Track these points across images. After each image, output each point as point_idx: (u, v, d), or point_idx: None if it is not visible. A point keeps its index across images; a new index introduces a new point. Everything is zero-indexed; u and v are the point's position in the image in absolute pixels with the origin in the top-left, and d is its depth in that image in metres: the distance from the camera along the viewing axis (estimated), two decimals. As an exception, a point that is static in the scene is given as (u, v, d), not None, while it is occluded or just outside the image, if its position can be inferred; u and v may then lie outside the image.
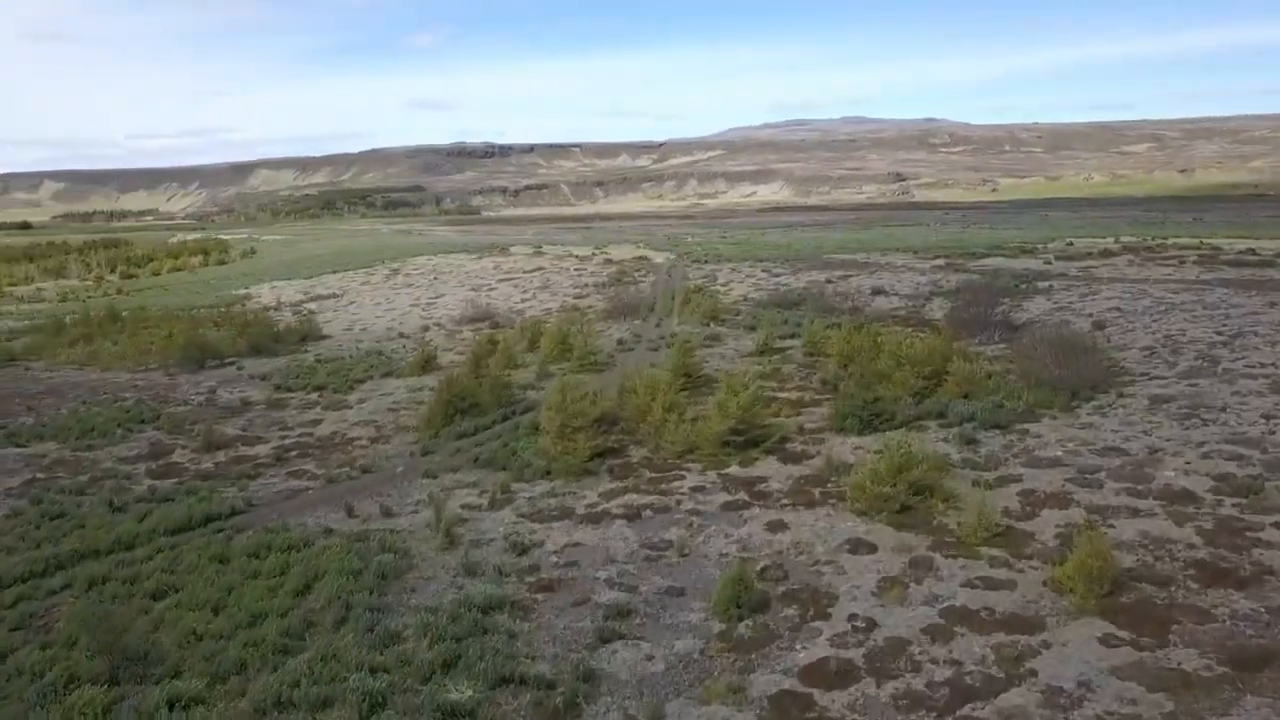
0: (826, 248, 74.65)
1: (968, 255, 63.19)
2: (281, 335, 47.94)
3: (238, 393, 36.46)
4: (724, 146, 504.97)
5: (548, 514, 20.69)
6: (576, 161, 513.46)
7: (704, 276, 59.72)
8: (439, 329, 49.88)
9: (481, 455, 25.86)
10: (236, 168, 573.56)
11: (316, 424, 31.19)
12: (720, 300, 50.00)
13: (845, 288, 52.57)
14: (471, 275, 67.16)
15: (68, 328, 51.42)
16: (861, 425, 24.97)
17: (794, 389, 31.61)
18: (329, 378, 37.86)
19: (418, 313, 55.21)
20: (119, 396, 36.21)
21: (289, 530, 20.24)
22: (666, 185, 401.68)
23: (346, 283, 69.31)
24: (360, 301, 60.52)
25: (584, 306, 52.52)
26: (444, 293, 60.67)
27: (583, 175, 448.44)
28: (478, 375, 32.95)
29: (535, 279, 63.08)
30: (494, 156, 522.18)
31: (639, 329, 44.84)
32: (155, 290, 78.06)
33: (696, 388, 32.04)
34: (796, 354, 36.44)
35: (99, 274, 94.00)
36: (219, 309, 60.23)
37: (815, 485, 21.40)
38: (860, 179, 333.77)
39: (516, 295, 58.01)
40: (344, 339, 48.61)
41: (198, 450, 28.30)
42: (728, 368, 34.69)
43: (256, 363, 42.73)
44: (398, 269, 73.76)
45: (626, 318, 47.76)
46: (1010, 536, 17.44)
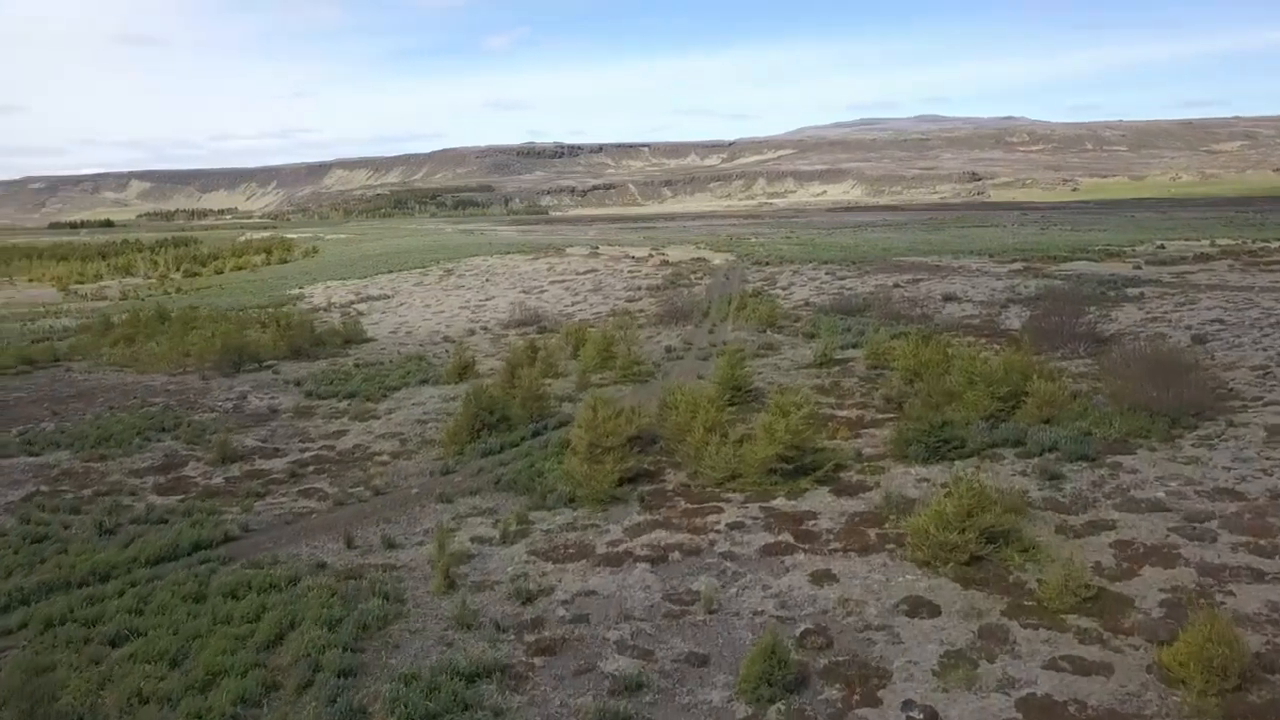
0: (896, 249, 71.08)
1: (1048, 259, 59.18)
2: (324, 338, 46.58)
3: (267, 399, 34.97)
4: (794, 146, 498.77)
5: (563, 552, 18.32)
6: (645, 161, 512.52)
7: (763, 279, 56.87)
8: (485, 333, 48.04)
9: (504, 476, 23.62)
10: (313, 168, 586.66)
11: (340, 436, 29.38)
12: (779, 305, 47.18)
13: (914, 293, 49.26)
14: (524, 277, 65.30)
15: (115, 328, 50.83)
16: (927, 453, 22.08)
17: (853, 406, 28.76)
18: (363, 384, 36.15)
19: (466, 315, 53.47)
20: (148, 401, 34.97)
21: (277, 564, 18.22)
22: (735, 184, 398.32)
23: (399, 283, 68.06)
24: (410, 303, 59.08)
25: (635, 310, 50.15)
26: (494, 295, 58.89)
27: (651, 175, 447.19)
28: (513, 385, 30.83)
29: (587, 281, 60.92)
30: (563, 156, 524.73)
31: (690, 335, 42.29)
32: (213, 289, 78.00)
33: (746, 403, 29.45)
34: (858, 366, 33.53)
35: (163, 272, 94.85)
36: (269, 309, 59.34)
37: (871, 525, 18.65)
38: (934, 178, 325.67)
39: (567, 298, 55.90)
40: (388, 342, 47.05)
41: (212, 463, 26.69)
42: (781, 381, 32.00)
43: (294, 366, 41.36)
44: (451, 269, 72.34)
45: (678, 323, 45.25)
46: (1104, 602, 14.51)
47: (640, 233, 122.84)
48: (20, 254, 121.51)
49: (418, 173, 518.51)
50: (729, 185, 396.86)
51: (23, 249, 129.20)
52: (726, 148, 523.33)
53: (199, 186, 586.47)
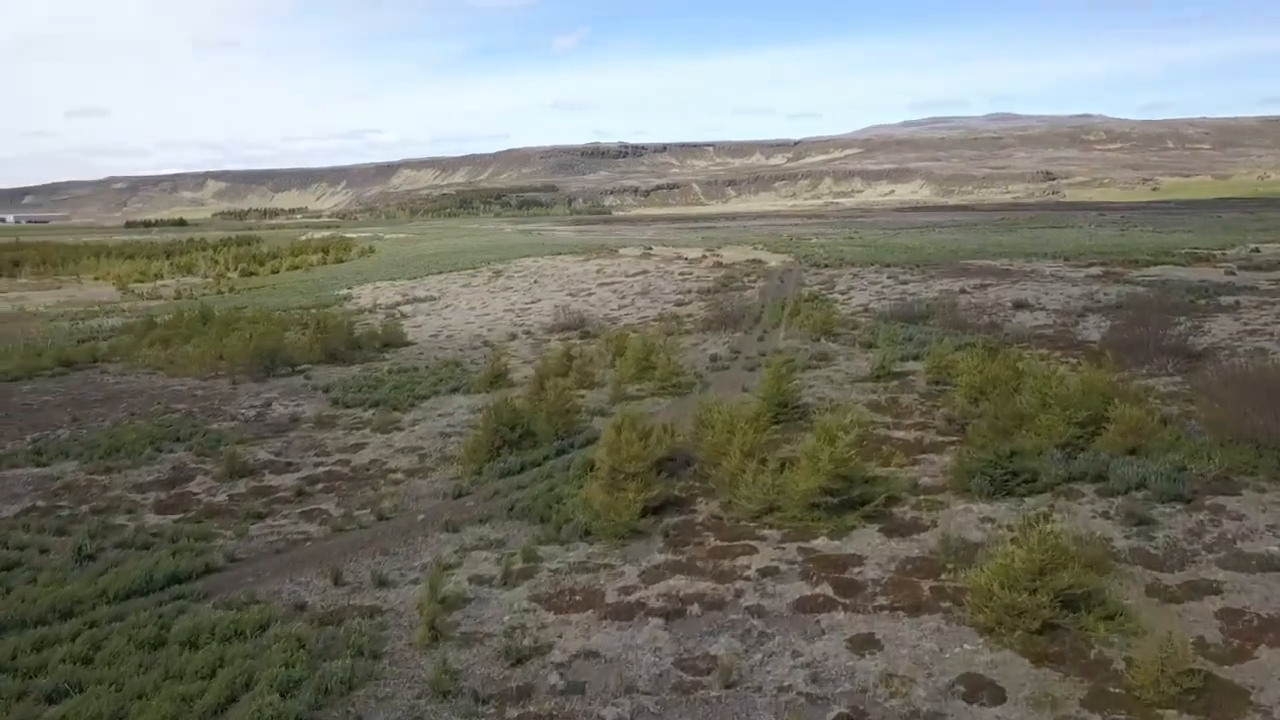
0: (964, 251, 67.51)
1: (1129, 263, 55.27)
2: (362, 341, 45.16)
3: (292, 407, 33.50)
4: (861, 145, 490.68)
5: (569, 598, 16.13)
6: (709, 160, 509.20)
7: (821, 283, 54.05)
8: (527, 337, 46.16)
9: (520, 501, 21.55)
10: (381, 168, 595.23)
11: (358, 449, 27.65)
12: (835, 311, 44.43)
13: (982, 299, 46.05)
14: (572, 279, 63.39)
15: (156, 329, 50.19)
16: (992, 487, 19.38)
17: (912, 426, 26.06)
18: (392, 392, 34.51)
19: (510, 319, 51.69)
20: (170, 408, 33.77)
21: (252, 605, 16.37)
22: (800, 184, 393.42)
23: (447, 284, 66.72)
24: (456, 305, 57.58)
25: (683, 315, 47.80)
26: (540, 297, 57.07)
27: (714, 174, 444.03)
28: (542, 397, 28.78)
29: (636, 283, 58.73)
30: (627, 156, 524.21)
31: (739, 343, 39.81)
32: (266, 289, 77.68)
33: (793, 420, 26.97)
34: (918, 381, 30.73)
35: (220, 271, 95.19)
36: (314, 310, 58.41)
37: (925, 575, 16.10)
38: (1006, 178, 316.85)
39: (614, 301, 53.80)
40: (427, 346, 45.49)
41: (219, 478, 25.18)
42: (833, 396, 29.41)
43: (328, 371, 39.98)
44: (501, 271, 70.81)
45: (726, 329, 42.80)
46: (1211, 694, 11.81)
47: (699, 233, 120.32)
48: (90, 252, 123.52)
49: (483, 173, 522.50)
50: (794, 185, 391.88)
51: (92, 247, 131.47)
52: (792, 147, 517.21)
53: (272, 186, 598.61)
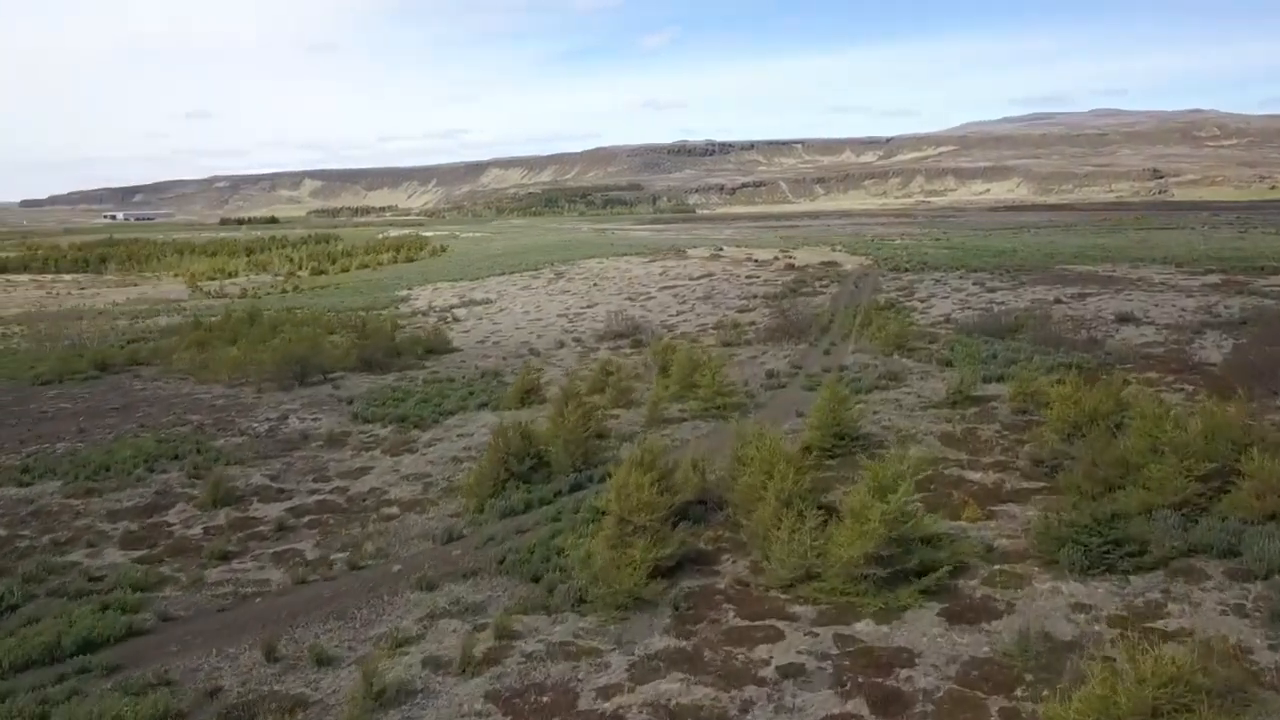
0: (1061, 255, 61.97)
1: (1253, 270, 49.34)
2: (403, 347, 42.74)
3: (309, 421, 31.09)
4: (956, 142, 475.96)
5: (534, 700, 12.85)
6: (797, 158, 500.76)
7: (899, 289, 49.60)
8: (576, 345, 43.10)
9: (515, 552, 18.35)
10: (471, 167, 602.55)
11: (361, 475, 24.93)
12: (912, 322, 40.21)
13: (1080, 311, 41.12)
14: (634, 281, 60.13)
15: (201, 330, 48.80)
16: (1088, 560, 15.40)
17: (990, 466, 22.01)
18: (417, 406, 31.84)
19: (562, 325, 48.72)
20: (183, 419, 31.70)
21: (160, 686, 13.54)
22: (891, 182, 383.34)
23: (506, 286, 64.22)
24: (510, 309, 54.93)
25: (745, 323, 44.06)
26: (597, 301, 53.98)
27: (803, 172, 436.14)
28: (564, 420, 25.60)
29: (699, 287, 55.12)
30: (714, 154, 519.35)
31: (801, 356, 35.97)
32: (329, 289, 76.56)
33: (850, 453, 23.19)
34: (1002, 408, 26.52)
35: (291, 270, 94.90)
36: (364, 313, 56.55)
37: (994, 688, 12.32)
38: (1110, 176, 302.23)
39: (673, 306, 50.35)
40: (472, 353, 42.84)
41: (201, 506, 22.79)
42: (901, 425, 25.46)
43: (360, 380, 37.62)
44: (562, 272, 68.00)
45: (790, 340, 38.96)
46: None
47: (779, 232, 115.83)
48: (175, 249, 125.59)
49: (569, 172, 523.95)
50: (884, 183, 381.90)
51: (178, 244, 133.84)
52: (883, 144, 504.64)
53: (365, 185, 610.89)
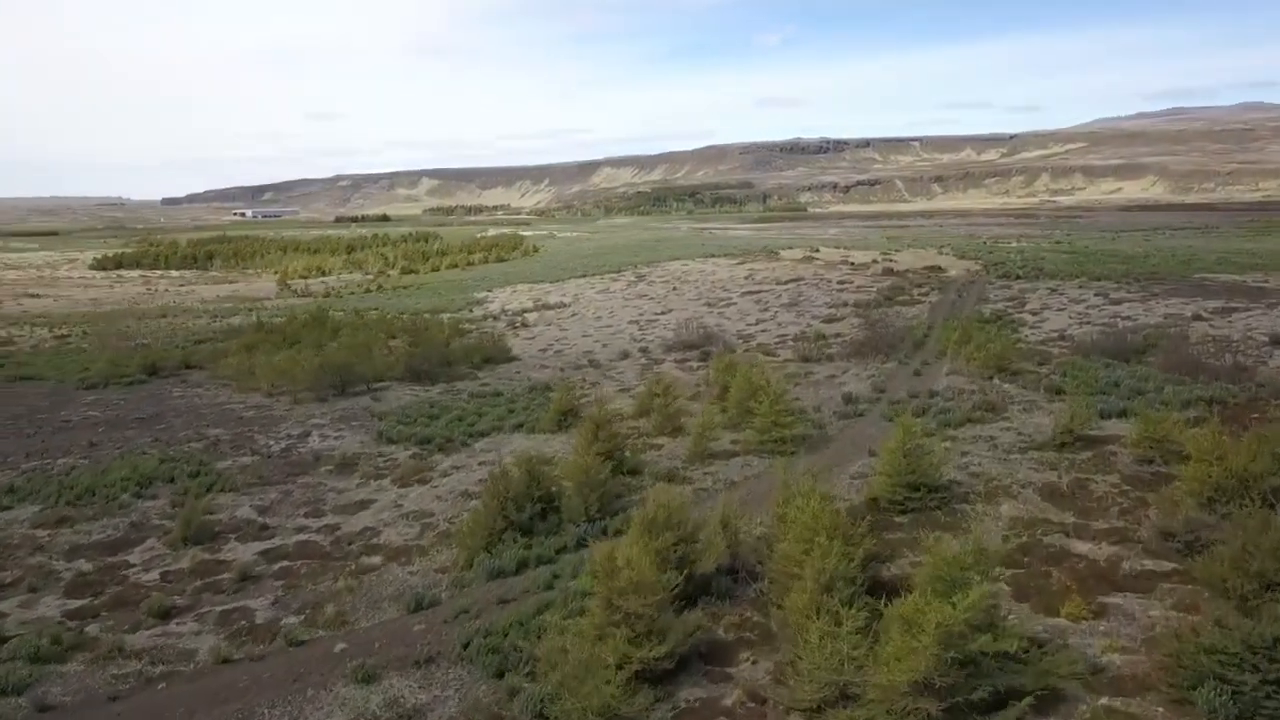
0: (1201, 262, 55.01)
1: None
2: (458, 356, 39.99)
3: (331, 439, 28.47)
4: (1085, 139, 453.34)
5: None
6: (914, 156, 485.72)
7: (1008, 300, 44.19)
8: (641, 356, 39.53)
9: (486, 632, 14.87)
10: (583, 165, 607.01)
11: (359, 510, 21.98)
12: (1020, 339, 35.13)
13: (1224, 330, 35.19)
14: (716, 285, 56.09)
15: (261, 332, 47.27)
16: (1238, 709, 10.87)
17: (1104, 536, 17.40)
18: (448, 426, 28.87)
19: (632, 332, 45.24)
20: (202, 434, 29.51)
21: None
22: (1013, 181, 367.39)
23: (584, 289, 61.08)
24: (582, 314, 51.73)
25: (829, 334, 39.61)
26: (673, 307, 50.24)
27: (920, 170, 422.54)
28: (596, 448, 22.04)
29: (785, 293, 50.68)
30: (828, 152, 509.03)
31: (887, 377, 31.45)
32: (411, 289, 75.04)
33: (926, 509, 18.90)
34: (1123, 455, 21.63)
35: (382, 269, 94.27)
36: (439, 315, 54.36)
37: None
38: (1256, 173, 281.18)
39: (754, 314, 46.17)
40: (530, 363, 39.78)
41: (171, 544, 20.11)
42: (993, 472, 20.92)
43: (402, 392, 35.08)
44: (644, 274, 64.50)
45: (877, 357, 34.42)
46: None
47: (887, 232, 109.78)
48: (279, 247, 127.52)
49: (680, 170, 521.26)
50: (1007, 181, 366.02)
51: (284, 242, 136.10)
52: (1006, 141, 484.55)
53: (480, 184, 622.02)
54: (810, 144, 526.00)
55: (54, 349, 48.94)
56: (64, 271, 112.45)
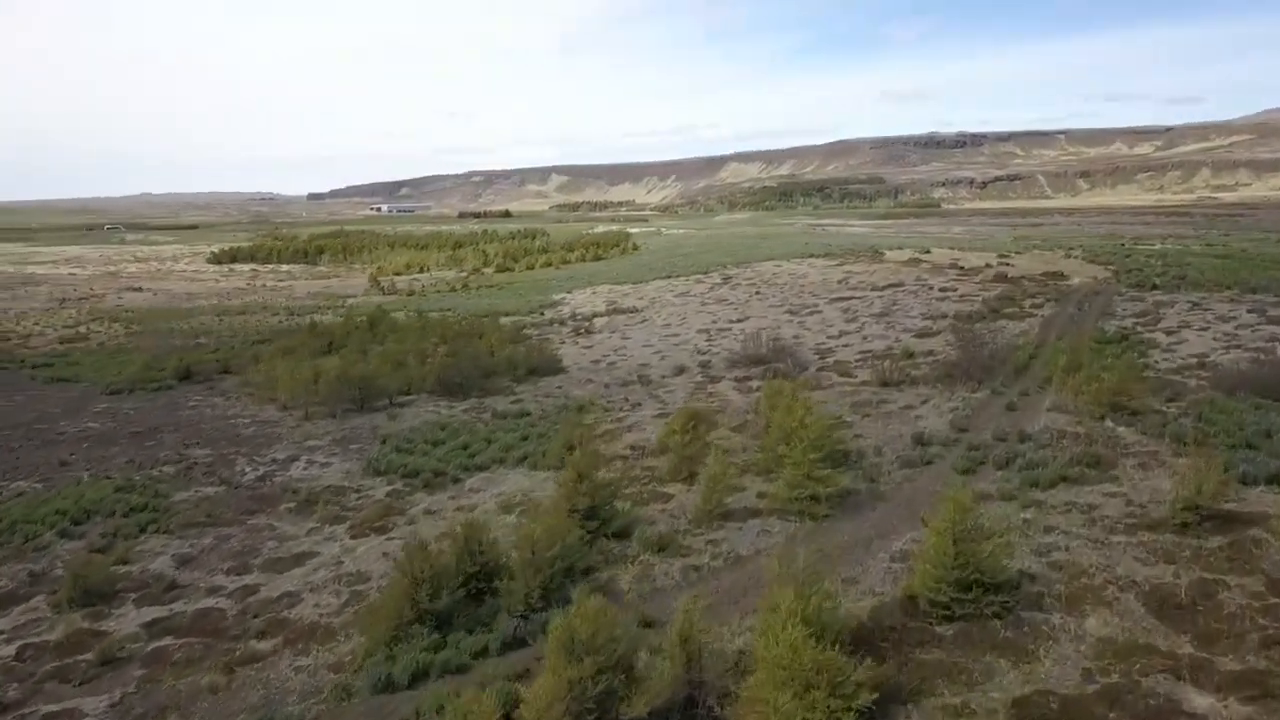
0: (1388, 269, 46.35)
1: None
2: (500, 367, 36.37)
3: (314, 468, 25.29)
4: (1252, 130, 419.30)
5: None
6: (1059, 150, 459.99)
7: (1138, 315, 37.44)
8: (699, 371, 34.99)
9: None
10: (710, 161, 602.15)
11: (290, 568, 18.55)
12: (1148, 365, 28.86)
13: None
14: (805, 290, 50.70)
15: (311, 334, 44.98)
16: None
17: (1232, 685, 12.02)
18: (449, 455, 25.33)
19: (698, 343, 40.65)
20: (185, 454, 26.89)
21: None
22: (1169, 176, 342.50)
23: (664, 292, 56.68)
24: (651, 320, 47.41)
25: (919, 351, 34.09)
26: (752, 314, 45.29)
27: (1064, 165, 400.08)
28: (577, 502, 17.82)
29: (879, 301, 44.95)
30: (965, 146, 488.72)
31: (976, 410, 25.94)
32: (498, 288, 72.29)
33: (983, 616, 13.85)
34: (1271, 548, 15.84)
35: (476, 266, 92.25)
36: (507, 318, 51.09)
37: None
38: None
39: (838, 324, 40.78)
40: (575, 378, 35.86)
41: (55, 605, 16.97)
42: (1084, 563, 15.59)
43: (424, 408, 31.87)
44: (732, 276, 59.57)
45: (968, 383, 28.82)
46: None
47: (1018, 230, 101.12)
48: (386, 243, 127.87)
49: (808, 165, 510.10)
50: (1161, 177, 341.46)
51: (393, 238, 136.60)
52: (1162, 134, 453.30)
53: (608, 180, 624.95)
54: (946, 138, 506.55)
55: (116, 347, 47.89)
56: (182, 265, 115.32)
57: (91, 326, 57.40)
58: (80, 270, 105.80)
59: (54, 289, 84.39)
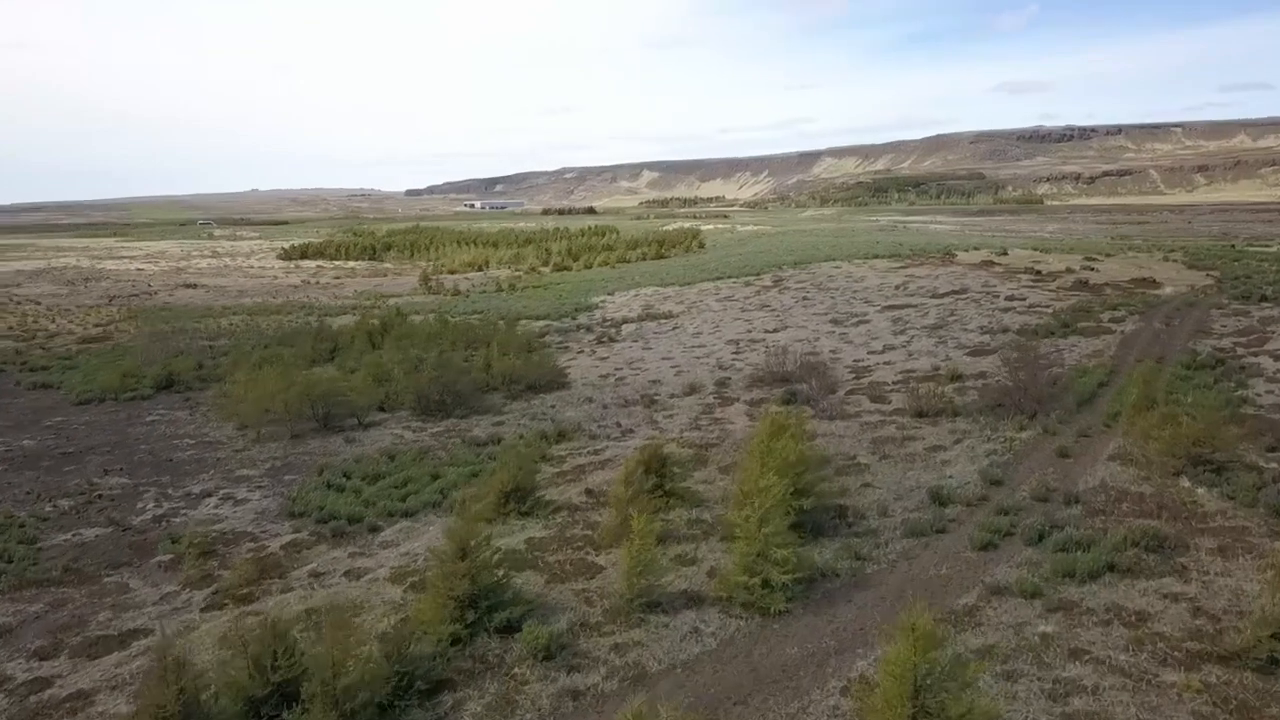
0: None
1: None
2: (493, 383, 32.68)
3: (232, 503, 22.08)
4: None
5: None
6: (1174, 144, 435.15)
7: (1239, 334, 31.37)
8: (715, 391, 30.72)
9: None
10: (805, 156, 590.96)
11: (106, 653, 15.22)
12: (1246, 399, 23.25)
13: None
14: (857, 296, 45.45)
15: (295, 343, 42.30)
16: None
17: None
18: (377, 496, 21.98)
19: (722, 356, 36.23)
20: (96, 483, 23.84)
21: None
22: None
23: (707, 296, 52.14)
24: (684, 327, 43.04)
25: (969, 373, 28.96)
26: (793, 323, 40.48)
27: (1181, 159, 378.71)
28: (455, 589, 13.82)
29: (935, 310, 39.50)
30: (1072, 140, 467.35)
31: (1017, 455, 20.93)
32: (545, 288, 68.81)
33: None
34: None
35: (532, 265, 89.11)
36: (537, 322, 47.55)
37: None
38: None
39: (886, 336, 35.71)
40: (574, 395, 32.10)
41: None
42: (1109, 714, 10.72)
43: (388, 432, 28.37)
44: (783, 278, 54.58)
45: (1017, 417, 23.69)
46: None
47: (1119, 228, 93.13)
48: (456, 239, 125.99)
49: (906, 160, 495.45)
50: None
51: (463, 234, 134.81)
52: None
53: (699, 176, 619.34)
54: (1052, 132, 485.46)
55: (125, 350, 45.86)
56: (253, 261, 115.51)
57: (120, 326, 55.99)
58: (151, 266, 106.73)
59: (114, 285, 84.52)
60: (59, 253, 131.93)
